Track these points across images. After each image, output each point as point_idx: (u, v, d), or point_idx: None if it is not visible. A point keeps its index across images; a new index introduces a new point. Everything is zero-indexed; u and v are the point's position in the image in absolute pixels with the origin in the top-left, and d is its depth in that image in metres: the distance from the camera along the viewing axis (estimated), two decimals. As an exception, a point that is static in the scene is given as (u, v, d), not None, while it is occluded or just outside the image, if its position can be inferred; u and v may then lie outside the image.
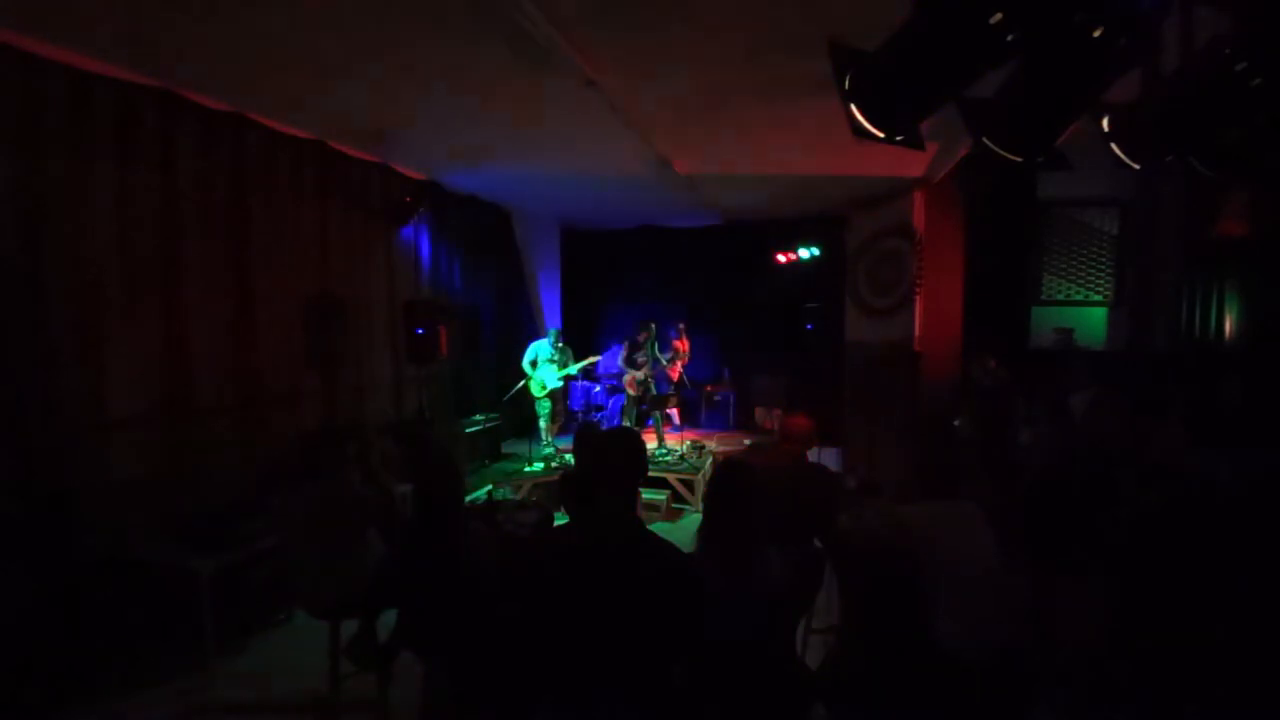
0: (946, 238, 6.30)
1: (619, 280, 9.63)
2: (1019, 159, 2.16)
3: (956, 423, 4.69)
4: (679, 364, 7.71)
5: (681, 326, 8.10)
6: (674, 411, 7.57)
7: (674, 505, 6.26)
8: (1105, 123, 2.41)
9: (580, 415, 8.03)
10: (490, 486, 6.15)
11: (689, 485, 6.36)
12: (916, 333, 6.50)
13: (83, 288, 3.39)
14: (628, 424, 7.18)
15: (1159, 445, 3.33)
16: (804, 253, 8.52)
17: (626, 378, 7.29)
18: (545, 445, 6.88)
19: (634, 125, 4.31)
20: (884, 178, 5.99)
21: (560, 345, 7.00)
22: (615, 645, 1.81)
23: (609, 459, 1.96)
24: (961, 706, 2.01)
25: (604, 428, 5.95)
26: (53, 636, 3.15)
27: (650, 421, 7.36)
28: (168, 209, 3.80)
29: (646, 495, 6.06)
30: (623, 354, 7.34)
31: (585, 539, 1.95)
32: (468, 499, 5.38)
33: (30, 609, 3.10)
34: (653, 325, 7.32)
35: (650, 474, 6.17)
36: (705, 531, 2.07)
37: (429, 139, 5.06)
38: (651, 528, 1.98)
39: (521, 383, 6.86)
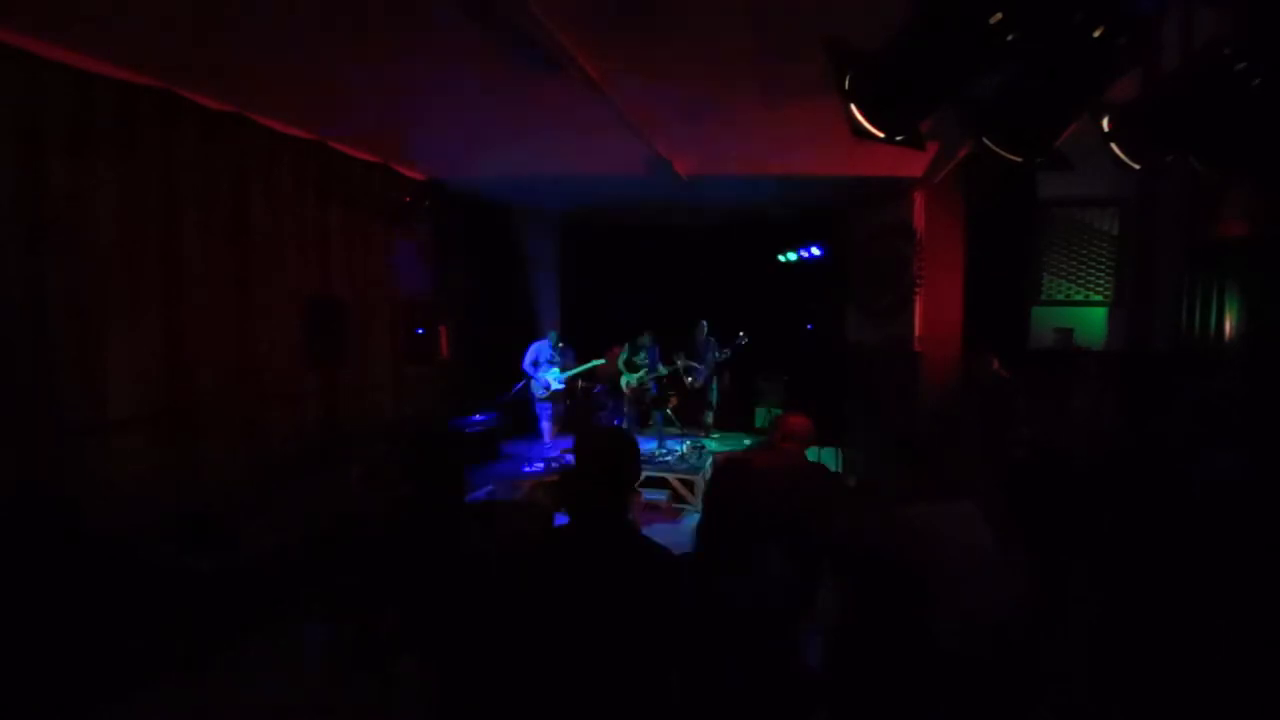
0: (946, 238, 6.30)
1: (619, 280, 9.62)
2: (1019, 159, 2.15)
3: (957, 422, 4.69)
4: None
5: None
6: (671, 409, 7.59)
7: (674, 505, 6.26)
8: (1105, 123, 2.40)
9: (580, 415, 8.03)
10: (490, 486, 6.14)
11: (689, 485, 6.36)
12: (916, 333, 6.50)
13: (83, 288, 3.38)
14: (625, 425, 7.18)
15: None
16: (809, 251, 8.52)
17: (625, 380, 7.30)
18: (546, 446, 6.88)
19: (634, 125, 4.31)
20: (884, 178, 5.99)
21: (560, 346, 7.00)
22: (607, 649, 1.81)
23: (601, 460, 1.96)
24: (962, 706, 2.01)
25: (604, 428, 5.93)
26: (51, 636, 3.15)
27: (651, 422, 7.36)
28: (168, 209, 3.80)
29: (647, 495, 6.06)
30: (623, 357, 7.34)
31: (577, 541, 1.95)
32: (467, 499, 5.38)
33: (28, 609, 3.10)
34: (646, 335, 7.38)
35: (650, 474, 6.19)
36: (705, 531, 2.07)
37: (429, 139, 5.06)
38: (652, 527, 1.98)
39: (522, 383, 6.85)
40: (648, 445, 6.74)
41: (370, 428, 5.21)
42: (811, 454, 3.41)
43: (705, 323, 8.18)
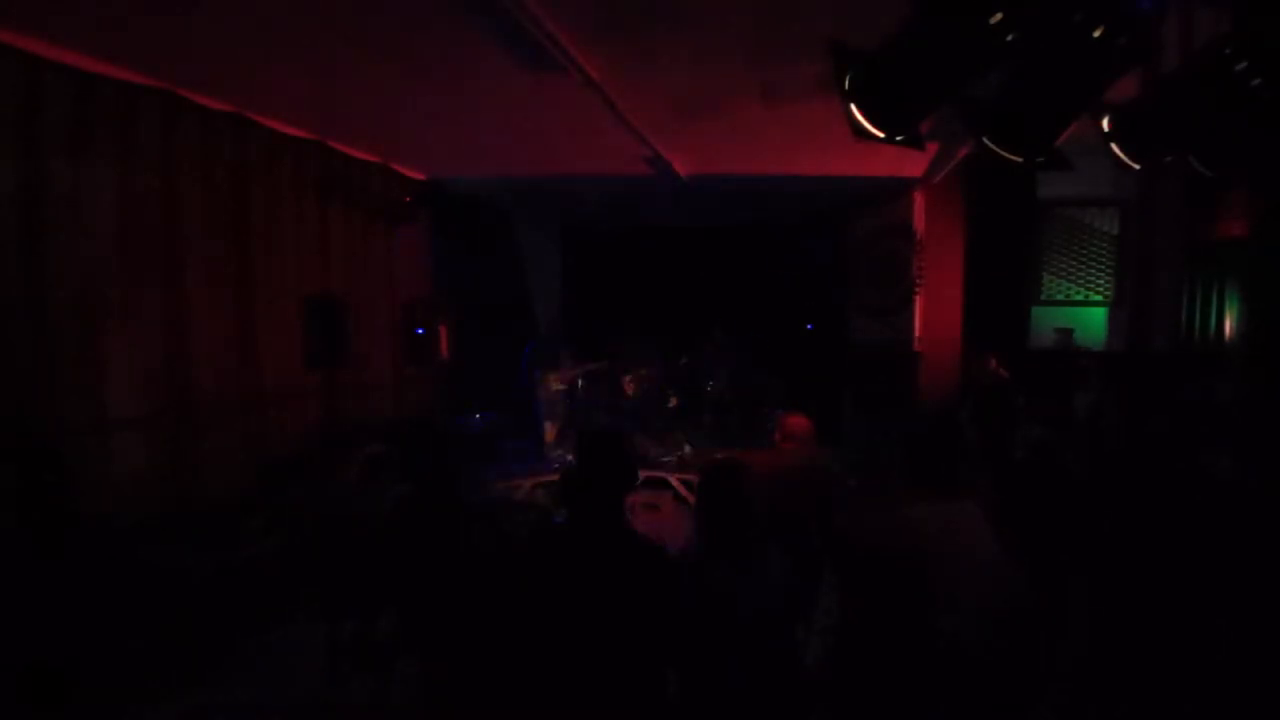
0: (946, 238, 6.30)
1: (619, 281, 9.61)
2: (1019, 159, 2.15)
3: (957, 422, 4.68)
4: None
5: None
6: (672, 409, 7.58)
7: (674, 505, 6.25)
8: (1105, 123, 2.40)
9: (581, 415, 8.03)
10: (490, 486, 6.14)
11: (689, 485, 6.35)
12: (916, 333, 6.50)
13: (83, 288, 3.38)
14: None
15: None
16: (808, 251, 8.51)
17: (625, 380, 7.29)
18: (546, 446, 6.88)
19: (634, 125, 4.31)
20: (884, 178, 5.99)
21: (561, 347, 7.01)
22: (606, 647, 1.81)
23: (600, 461, 1.97)
24: (963, 706, 2.01)
25: (601, 430, 5.94)
26: (50, 636, 3.15)
27: (652, 422, 7.34)
28: (168, 209, 3.80)
29: (646, 495, 6.05)
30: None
31: (576, 541, 1.96)
32: (467, 499, 5.37)
33: (27, 609, 3.10)
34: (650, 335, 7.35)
35: (650, 474, 6.19)
36: (704, 531, 2.07)
37: (429, 139, 5.06)
38: (652, 527, 1.99)
39: (523, 383, 6.85)
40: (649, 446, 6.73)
41: (370, 428, 5.20)
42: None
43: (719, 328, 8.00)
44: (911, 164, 5.40)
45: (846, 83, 1.96)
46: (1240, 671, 2.27)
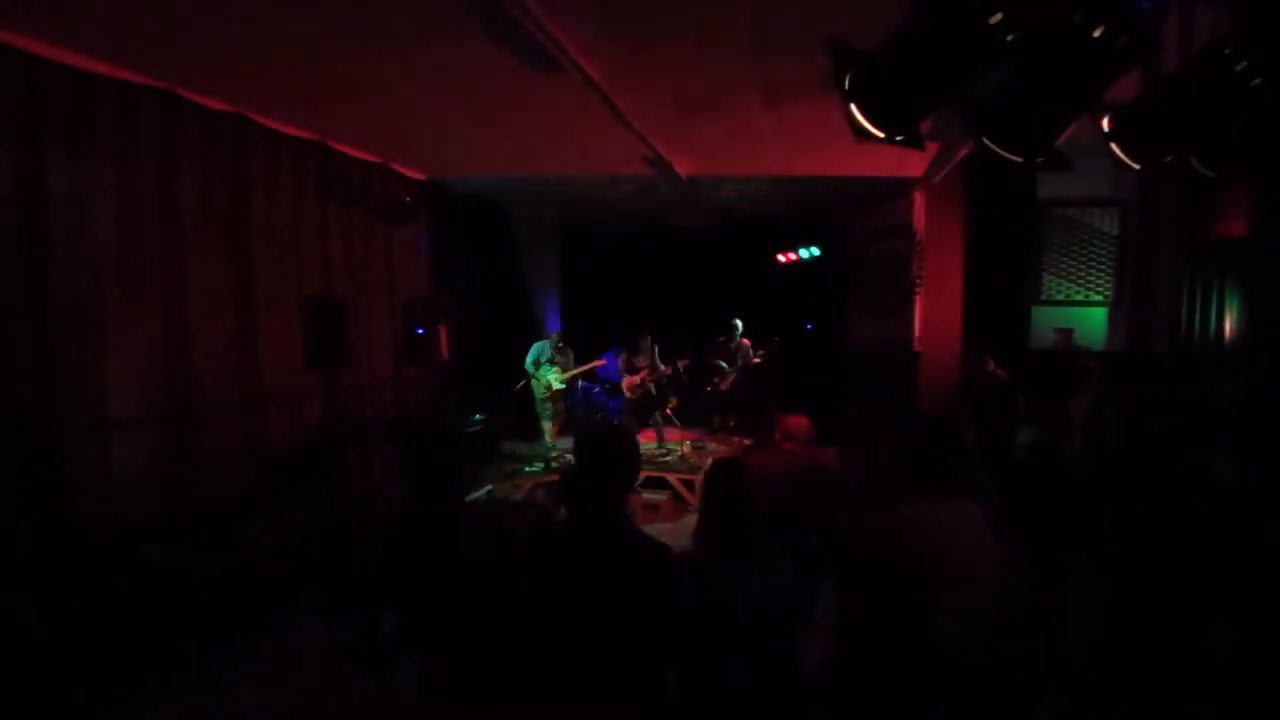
0: (946, 238, 6.30)
1: (619, 281, 9.62)
2: (1019, 159, 2.15)
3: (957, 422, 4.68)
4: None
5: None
6: (672, 409, 7.57)
7: (674, 505, 6.25)
8: (1105, 123, 2.40)
9: (581, 415, 8.02)
10: (490, 486, 6.14)
11: (689, 485, 6.35)
12: (916, 333, 6.50)
13: (83, 288, 3.39)
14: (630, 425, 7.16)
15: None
16: (804, 253, 8.50)
17: (624, 381, 7.29)
18: (546, 445, 6.88)
19: (634, 125, 4.31)
20: (884, 178, 5.99)
21: (561, 347, 7.01)
22: (606, 646, 1.81)
23: (597, 459, 1.97)
24: (962, 706, 2.01)
25: (602, 428, 5.94)
26: (50, 637, 3.15)
27: (651, 422, 7.34)
28: (168, 208, 3.81)
29: (647, 495, 6.06)
30: (621, 359, 7.29)
31: (576, 540, 1.96)
32: (467, 499, 5.37)
33: (28, 610, 3.10)
34: (649, 336, 7.28)
35: (650, 474, 6.19)
36: (704, 531, 2.07)
37: (429, 139, 5.06)
38: (652, 527, 1.98)
39: (523, 383, 6.85)
40: (647, 445, 6.73)
41: (370, 428, 5.21)
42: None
43: (738, 324, 7.95)
44: (911, 164, 5.40)
45: (846, 83, 1.96)
46: (1240, 672, 2.27)
